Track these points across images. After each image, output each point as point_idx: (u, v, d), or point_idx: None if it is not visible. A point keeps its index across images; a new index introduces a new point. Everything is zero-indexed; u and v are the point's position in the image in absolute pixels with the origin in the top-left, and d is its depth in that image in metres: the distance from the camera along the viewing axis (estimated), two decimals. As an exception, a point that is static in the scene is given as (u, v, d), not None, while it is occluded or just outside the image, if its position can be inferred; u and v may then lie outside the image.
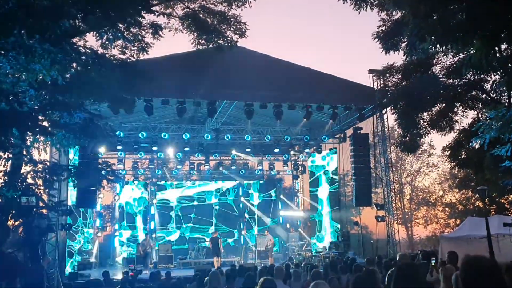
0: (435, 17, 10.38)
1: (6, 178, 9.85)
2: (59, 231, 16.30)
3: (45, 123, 8.95)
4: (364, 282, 4.23)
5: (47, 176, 10.35)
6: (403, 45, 14.95)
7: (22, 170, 10.18)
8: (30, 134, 7.48)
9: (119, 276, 14.76)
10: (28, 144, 8.72)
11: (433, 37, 10.34)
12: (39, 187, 10.28)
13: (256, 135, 22.09)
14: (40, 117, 8.25)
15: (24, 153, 9.38)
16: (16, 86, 7.01)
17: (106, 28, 8.71)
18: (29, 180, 10.20)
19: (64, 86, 7.84)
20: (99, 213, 24.06)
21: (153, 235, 23.84)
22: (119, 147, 20.83)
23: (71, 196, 17.91)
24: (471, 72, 16.10)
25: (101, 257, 22.29)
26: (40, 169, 10.30)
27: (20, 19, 5.86)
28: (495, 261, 2.83)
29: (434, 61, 18.03)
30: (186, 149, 21.75)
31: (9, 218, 8.97)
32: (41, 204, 10.22)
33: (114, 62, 10.09)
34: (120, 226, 23.87)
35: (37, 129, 7.86)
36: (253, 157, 24.78)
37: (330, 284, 7.55)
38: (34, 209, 6.56)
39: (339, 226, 22.43)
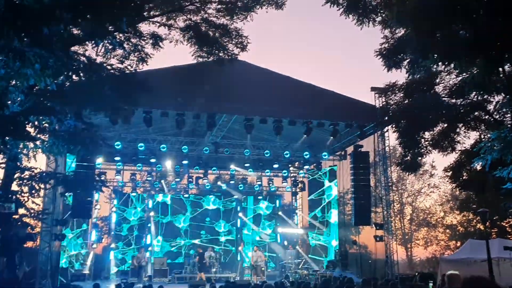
0: (438, 34, 10.25)
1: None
2: (52, 241, 16.08)
3: (31, 129, 8.80)
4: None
5: (33, 184, 10.16)
6: (406, 63, 14.80)
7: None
8: (14, 139, 7.29)
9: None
10: (19, 151, 8.54)
11: (436, 55, 10.22)
12: (23, 194, 10.13)
13: (255, 150, 21.91)
14: (25, 123, 8.08)
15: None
16: (6, 91, 6.87)
17: (102, 36, 8.58)
18: (15, 187, 10.10)
19: (56, 92, 7.68)
20: (95, 224, 23.81)
21: (149, 248, 23.53)
22: (117, 158, 20.66)
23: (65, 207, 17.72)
24: (474, 93, 15.93)
25: (95, 269, 21.96)
26: (27, 176, 10.12)
27: (9, 20, 5.72)
28: (496, 283, 2.64)
29: (437, 80, 17.86)
30: (185, 162, 21.56)
31: None
32: (24, 212, 10.06)
33: (112, 71, 9.94)
34: (117, 238, 23.62)
35: (21, 134, 7.67)
36: (252, 172, 24.54)
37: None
38: (13, 217, 6.35)
39: (337, 244, 22.12)
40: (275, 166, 23.18)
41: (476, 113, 18.25)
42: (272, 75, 17.84)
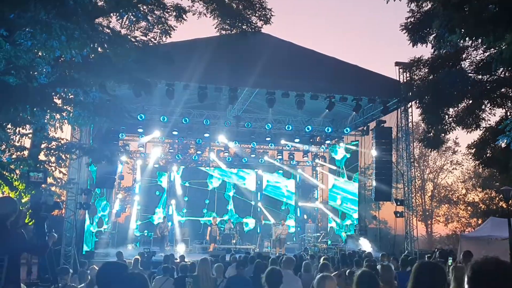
0: (466, 8, 10.01)
1: (22, 153, 10.02)
2: (77, 210, 16.52)
3: (58, 101, 8.96)
4: (373, 277, 4.04)
5: (60, 154, 10.41)
6: (432, 37, 14.52)
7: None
8: (40, 110, 7.45)
9: (134, 257, 14.85)
10: (46, 121, 8.75)
11: (463, 29, 10.00)
12: (50, 164, 10.40)
13: (276, 124, 21.89)
14: (52, 94, 8.24)
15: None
16: (33, 63, 6.99)
17: (126, 8, 8.62)
18: (42, 157, 10.35)
19: (82, 64, 7.79)
20: (118, 194, 24.29)
21: (172, 219, 23.96)
22: (140, 130, 20.88)
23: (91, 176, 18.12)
24: (501, 69, 15.61)
25: (118, 238, 22.52)
26: (54, 147, 10.37)
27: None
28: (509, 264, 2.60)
29: (463, 55, 17.54)
30: (206, 135, 21.67)
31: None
32: (51, 181, 10.34)
33: (136, 43, 9.99)
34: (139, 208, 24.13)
35: (49, 105, 7.84)
36: (273, 146, 24.59)
37: (340, 278, 7.38)
38: (42, 186, 6.57)
39: (357, 219, 22.19)
40: (296, 140, 23.16)
41: (503, 90, 17.92)
42: (295, 49, 17.67)
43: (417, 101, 18.17)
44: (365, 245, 19.83)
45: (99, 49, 8.43)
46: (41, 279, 5.08)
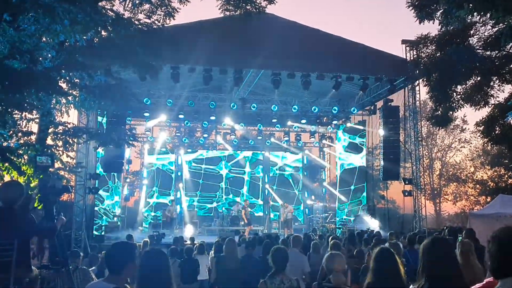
0: (474, -18, 9.83)
1: (29, 138, 10.08)
2: (86, 194, 16.65)
3: (64, 85, 8.96)
4: (391, 253, 4.05)
5: (67, 138, 10.46)
6: (439, 14, 14.33)
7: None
8: (46, 94, 7.45)
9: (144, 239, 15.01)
10: (52, 106, 8.77)
11: (471, 4, 9.85)
12: (58, 148, 10.46)
13: (283, 106, 21.81)
14: (57, 78, 8.23)
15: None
16: (37, 47, 6.98)
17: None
18: (49, 142, 10.41)
19: (86, 48, 7.77)
20: (126, 178, 24.45)
21: (181, 202, 24.14)
22: (146, 114, 20.89)
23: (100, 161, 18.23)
24: (510, 44, 15.39)
25: (128, 221, 22.74)
26: (60, 131, 10.42)
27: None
28: None
29: (471, 31, 17.29)
30: (212, 118, 21.63)
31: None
32: (59, 165, 10.43)
33: (139, 26, 9.94)
34: (149, 192, 24.31)
35: (54, 89, 7.84)
36: (279, 127, 24.54)
37: (353, 257, 7.41)
38: (50, 170, 6.63)
39: (365, 197, 22.23)
40: (303, 121, 23.08)
41: (511, 65, 17.70)
42: (300, 28, 17.50)
43: (425, 79, 18.00)
44: (374, 224, 19.88)
45: (103, 32, 8.40)
46: (52, 261, 5.13)
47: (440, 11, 13.89)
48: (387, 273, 3.88)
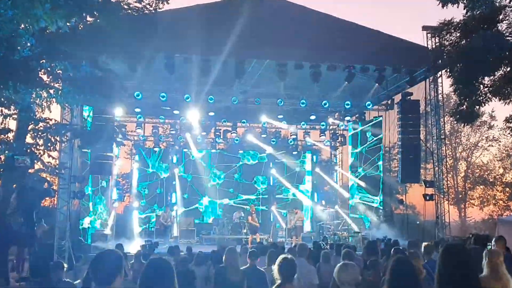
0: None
1: (6, 136, 10.03)
2: (71, 199, 16.65)
3: (44, 76, 8.95)
4: (409, 263, 4.02)
5: (49, 136, 10.44)
6: (464, -4, 14.28)
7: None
8: (25, 86, 7.43)
9: (135, 249, 15.03)
10: (32, 100, 8.76)
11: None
12: (38, 147, 10.42)
13: (289, 100, 21.80)
14: (38, 69, 8.22)
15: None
16: (15, 34, 6.97)
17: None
18: (29, 140, 10.39)
19: (70, 35, 7.76)
20: (115, 181, 24.46)
21: (175, 208, 24.14)
22: (137, 110, 20.92)
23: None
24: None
25: (117, 229, 22.76)
26: (41, 128, 10.39)
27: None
28: None
29: (500, 16, 17.20)
30: (211, 114, 21.64)
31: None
32: (40, 166, 10.40)
33: (129, 11, 9.93)
34: (139, 197, 24.35)
35: (34, 81, 7.82)
36: (286, 124, 24.51)
37: (367, 268, 7.39)
38: (29, 171, 6.60)
39: (381, 203, 22.19)
40: (312, 117, 23.05)
41: (546, 54, 17.62)
42: (309, 14, 17.45)
43: (448, 70, 17.88)
44: (391, 232, 19.84)
45: (89, 18, 8.39)
46: (32, 273, 5.14)
47: (466, -7, 13.84)
48: (404, 285, 3.85)
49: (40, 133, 10.73)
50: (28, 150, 10.15)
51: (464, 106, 18.18)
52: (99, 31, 9.20)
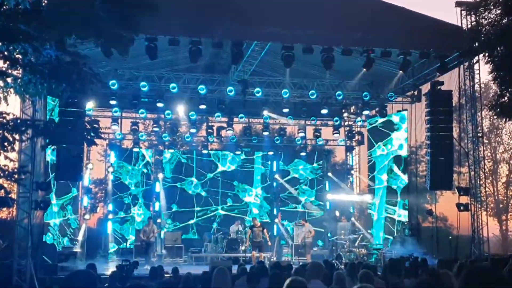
0: None
1: None
2: (33, 210, 16.57)
3: (0, 62, 8.90)
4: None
5: (5, 134, 10.37)
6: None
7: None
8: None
9: (110, 270, 15.01)
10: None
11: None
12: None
13: (297, 90, 21.79)
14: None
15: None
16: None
17: None
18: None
19: (31, 13, 7.72)
20: (87, 189, 24.42)
21: (158, 220, 24.13)
22: (112, 102, 20.83)
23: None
24: None
25: (89, 246, 22.70)
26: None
27: None
28: None
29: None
30: (202, 107, 21.58)
31: None
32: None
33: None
34: (116, 207, 24.32)
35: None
36: (292, 120, 24.49)
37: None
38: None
39: (407, 215, 22.18)
40: (324, 111, 23.02)
41: None
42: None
43: (486, 54, 17.91)
44: (418, 249, 19.84)
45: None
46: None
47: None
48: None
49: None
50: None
51: (506, 98, 18.18)
52: (67, 8, 9.16)
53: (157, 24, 14.77)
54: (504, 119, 22.61)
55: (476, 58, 18.75)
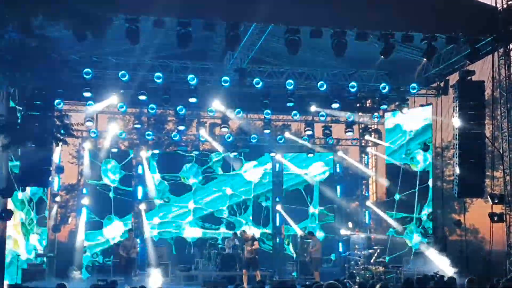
0: None
1: None
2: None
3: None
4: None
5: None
6: None
7: None
8: None
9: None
10: None
11: None
12: None
13: (303, 81, 21.78)
14: None
15: None
16: None
17: None
18: None
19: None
20: (56, 196, 24.38)
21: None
22: (87, 94, 20.77)
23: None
24: None
25: (59, 263, 22.71)
26: None
27: None
28: None
29: None
30: (193, 100, 21.55)
31: None
32: None
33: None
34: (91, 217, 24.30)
35: None
36: (297, 115, 24.49)
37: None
38: None
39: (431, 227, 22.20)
40: (335, 105, 23.01)
41: None
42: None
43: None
44: (445, 265, 19.86)
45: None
46: None
47: None
48: None
49: None
50: None
51: (548, 90, 18.24)
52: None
53: (139, 2, 14.81)
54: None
55: (513, 43, 18.77)
